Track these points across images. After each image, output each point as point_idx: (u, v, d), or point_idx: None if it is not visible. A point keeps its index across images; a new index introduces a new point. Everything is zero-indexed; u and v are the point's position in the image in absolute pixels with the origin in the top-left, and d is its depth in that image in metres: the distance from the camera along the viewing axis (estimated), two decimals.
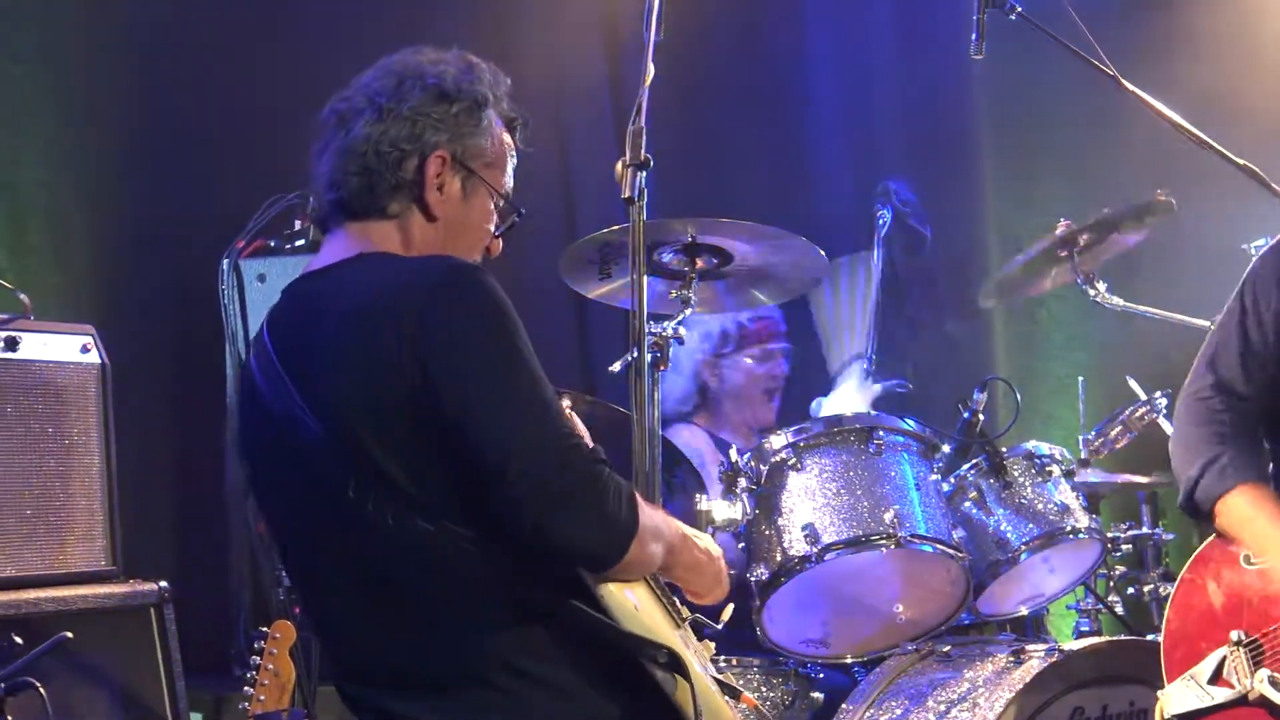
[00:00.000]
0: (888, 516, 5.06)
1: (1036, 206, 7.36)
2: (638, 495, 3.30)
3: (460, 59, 3.60)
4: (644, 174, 4.33)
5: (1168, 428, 5.72)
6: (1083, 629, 5.90)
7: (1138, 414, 6.04)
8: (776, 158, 7.44)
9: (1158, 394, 5.99)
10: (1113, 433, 6.10)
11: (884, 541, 5.05)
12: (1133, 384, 6.16)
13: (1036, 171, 7.70)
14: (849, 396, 6.13)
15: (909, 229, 6.84)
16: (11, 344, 4.70)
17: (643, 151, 4.32)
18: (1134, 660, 4.97)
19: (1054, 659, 4.97)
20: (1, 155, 5.85)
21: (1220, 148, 4.62)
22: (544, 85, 7.08)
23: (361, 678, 3.36)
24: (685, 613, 3.60)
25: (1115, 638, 5.54)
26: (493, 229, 3.65)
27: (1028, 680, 4.90)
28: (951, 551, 5.13)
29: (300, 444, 3.31)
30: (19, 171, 5.88)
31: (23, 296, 4.87)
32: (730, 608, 3.92)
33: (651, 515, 3.35)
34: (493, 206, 3.62)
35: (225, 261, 5.76)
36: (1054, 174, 7.61)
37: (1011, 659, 5.04)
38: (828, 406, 6.17)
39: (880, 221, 6.64)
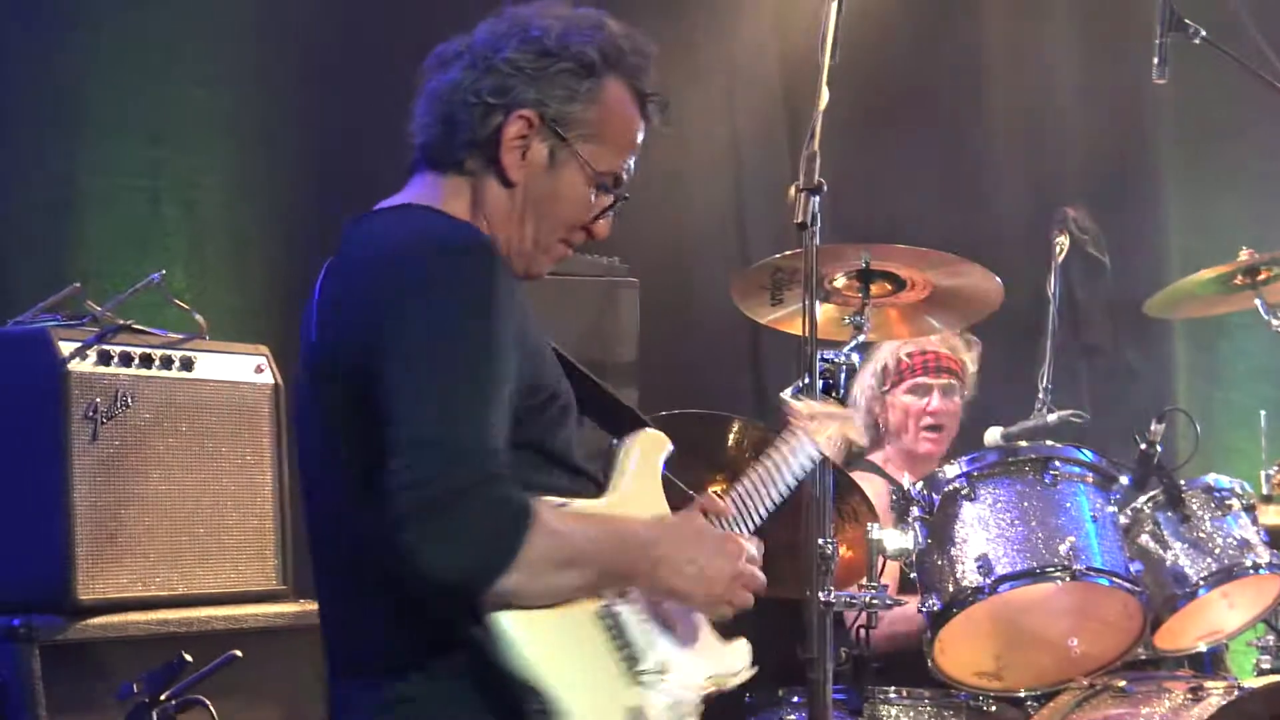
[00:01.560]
0: (1063, 548, 4.96)
1: (1220, 235, 7.19)
2: (549, 513, 2.92)
3: (587, 16, 3.33)
4: (817, 199, 4.32)
5: None
6: (1264, 666, 5.75)
7: None
8: (951, 182, 7.35)
9: None
10: None
11: (1059, 574, 4.96)
12: None
13: (1220, 199, 7.55)
14: None
15: (1087, 256, 6.74)
16: (187, 364, 4.74)
17: (816, 176, 4.30)
18: None
19: (1233, 697, 4.85)
20: (183, 177, 5.90)
21: None
22: (718, 105, 7.06)
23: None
24: (651, 665, 3.12)
25: None
26: (590, 211, 3.33)
27: (1206, 718, 4.78)
28: (1128, 585, 5.03)
29: (302, 406, 3.21)
30: (199, 193, 5.93)
31: (199, 317, 4.91)
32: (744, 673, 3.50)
33: (568, 537, 2.95)
34: (592, 186, 3.30)
35: None
36: (1238, 201, 7.46)
37: (1189, 696, 4.92)
38: None
39: (1058, 248, 6.53)
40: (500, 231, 3.26)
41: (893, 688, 5.27)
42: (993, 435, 6.14)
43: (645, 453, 3.44)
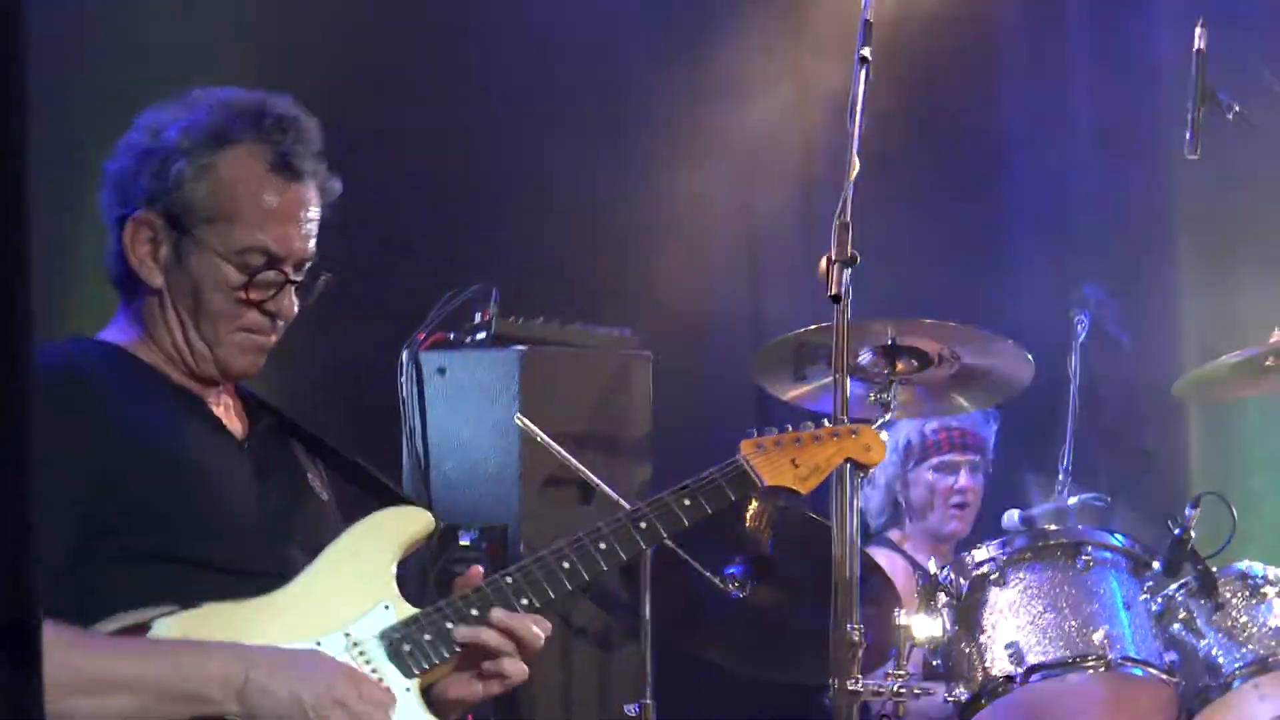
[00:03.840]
0: (1097, 637, 4.80)
1: (1240, 316, 7.04)
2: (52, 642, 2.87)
3: (198, 98, 3.28)
4: (849, 271, 4.18)
5: None
6: None
7: None
8: (969, 260, 7.19)
9: None
10: None
11: (1093, 663, 4.80)
12: None
13: (1241, 280, 7.38)
14: None
15: (1106, 336, 6.58)
16: None
17: (849, 247, 4.16)
18: None
19: None
20: None
21: None
22: (734, 179, 6.92)
23: None
24: None
25: None
26: (240, 293, 3.20)
27: None
28: (1164, 676, 4.86)
29: None
30: None
31: None
32: None
33: (78, 666, 2.86)
34: (235, 266, 3.19)
35: (405, 353, 5.62)
36: (1260, 283, 7.28)
37: None
38: None
39: (1078, 327, 6.39)
40: (164, 340, 3.24)
41: None
42: (1011, 518, 5.99)
43: (360, 537, 3.28)
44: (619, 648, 5.59)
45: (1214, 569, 5.18)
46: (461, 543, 5.30)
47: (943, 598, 4.97)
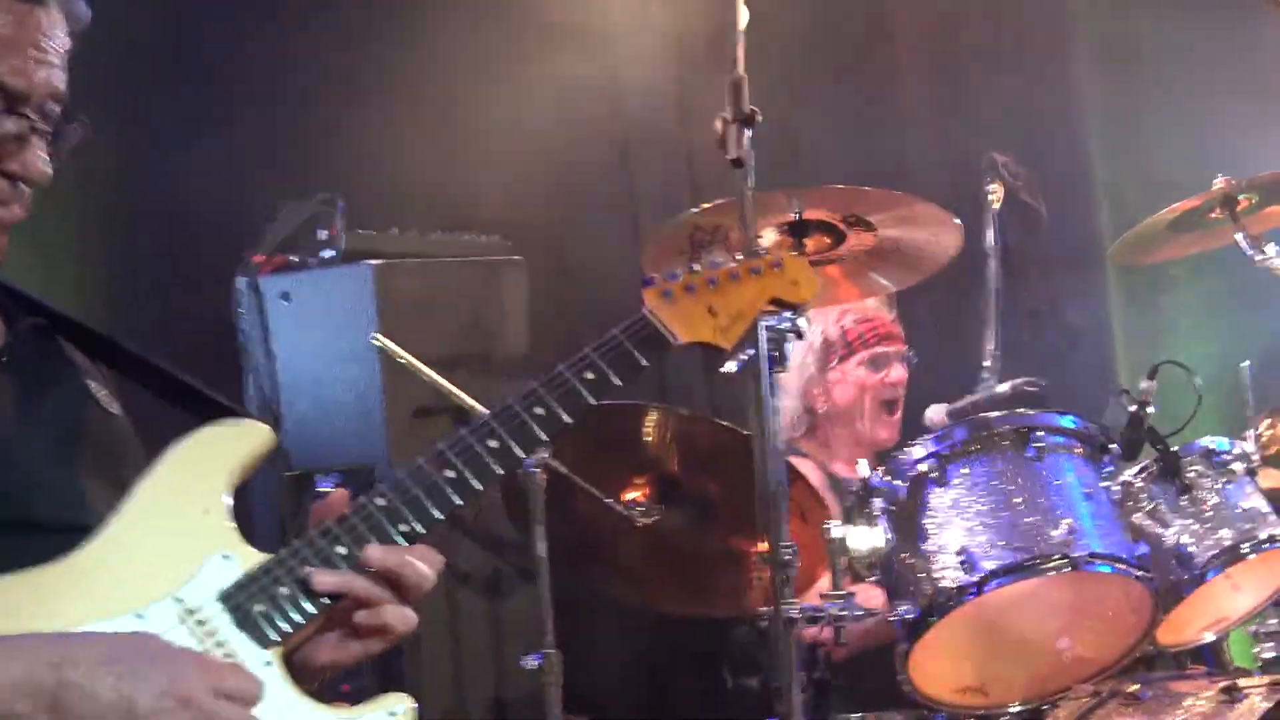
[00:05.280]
0: (1057, 533, 4.25)
1: (1153, 177, 6.59)
2: None
3: None
4: (750, 132, 3.73)
5: None
6: (1266, 656, 5.08)
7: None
8: (865, 134, 6.64)
9: None
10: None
11: (1056, 563, 4.24)
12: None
13: (1152, 137, 6.94)
14: None
15: (1022, 205, 6.02)
16: None
17: (746, 104, 3.72)
18: None
19: None
20: None
21: None
22: (598, 68, 6.35)
23: None
24: None
25: None
26: None
27: None
28: (1136, 572, 4.31)
29: None
30: None
31: None
32: None
33: None
34: None
35: (241, 279, 5.10)
36: (1172, 139, 6.83)
37: (1223, 698, 4.21)
38: None
39: (991, 198, 5.80)
40: None
41: (858, 714, 4.63)
42: (936, 413, 5.39)
43: (180, 465, 2.61)
44: (512, 593, 5.23)
45: (1176, 448, 4.64)
46: (320, 489, 4.78)
47: (879, 504, 4.39)
